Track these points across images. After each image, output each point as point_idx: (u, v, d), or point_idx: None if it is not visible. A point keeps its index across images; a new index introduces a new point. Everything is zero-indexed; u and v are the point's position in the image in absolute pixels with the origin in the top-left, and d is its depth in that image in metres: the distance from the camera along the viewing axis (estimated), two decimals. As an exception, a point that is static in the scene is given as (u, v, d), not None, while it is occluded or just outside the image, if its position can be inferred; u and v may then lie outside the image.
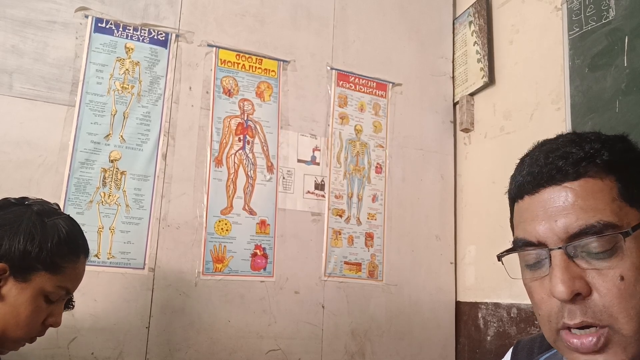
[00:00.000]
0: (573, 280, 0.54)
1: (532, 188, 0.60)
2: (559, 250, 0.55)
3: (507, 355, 0.80)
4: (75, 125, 1.69)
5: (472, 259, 2.13)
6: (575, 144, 0.58)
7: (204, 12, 1.94)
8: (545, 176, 0.58)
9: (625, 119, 1.49)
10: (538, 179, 0.59)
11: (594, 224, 0.54)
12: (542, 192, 0.58)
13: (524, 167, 0.62)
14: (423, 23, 2.35)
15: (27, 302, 0.90)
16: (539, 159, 0.60)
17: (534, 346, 0.75)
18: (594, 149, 0.57)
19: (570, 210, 0.55)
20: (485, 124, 2.16)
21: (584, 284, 0.54)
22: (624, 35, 1.53)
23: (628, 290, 0.52)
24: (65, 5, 1.74)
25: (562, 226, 0.56)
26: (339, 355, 1.92)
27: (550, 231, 0.56)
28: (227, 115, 1.91)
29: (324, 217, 2.00)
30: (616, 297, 0.52)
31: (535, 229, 0.58)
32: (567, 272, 0.54)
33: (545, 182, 0.58)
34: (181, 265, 1.75)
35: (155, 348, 1.66)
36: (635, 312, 0.52)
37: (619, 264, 0.53)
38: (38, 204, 0.98)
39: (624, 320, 0.52)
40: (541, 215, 0.58)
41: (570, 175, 0.56)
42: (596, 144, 0.58)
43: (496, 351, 1.91)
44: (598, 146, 0.57)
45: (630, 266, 0.53)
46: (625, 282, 0.52)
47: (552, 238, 0.57)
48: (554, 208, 0.57)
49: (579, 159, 0.57)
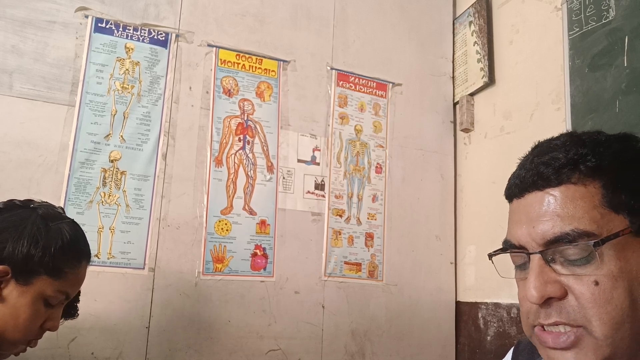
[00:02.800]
0: (545, 285, 0.55)
1: (518, 192, 0.61)
2: (537, 255, 0.56)
3: (508, 356, 0.80)
4: (75, 125, 1.69)
5: (472, 259, 2.13)
6: (564, 149, 0.58)
7: (204, 12, 1.94)
8: (529, 181, 0.59)
9: (625, 119, 1.49)
10: (524, 183, 0.60)
11: (568, 232, 0.54)
12: (527, 197, 0.60)
13: (517, 170, 0.63)
14: (423, 23, 2.35)
15: (27, 305, 0.90)
16: (526, 163, 0.61)
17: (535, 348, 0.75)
18: (579, 155, 0.57)
19: (548, 217, 0.56)
20: (485, 124, 2.16)
21: (558, 288, 0.55)
22: (624, 35, 1.53)
23: (603, 295, 0.53)
24: (65, 5, 1.74)
25: (539, 232, 0.56)
26: (339, 355, 1.92)
27: (529, 236, 0.58)
28: (227, 115, 1.91)
29: (324, 217, 2.00)
30: (590, 302, 0.53)
31: (517, 233, 0.60)
32: (540, 277, 0.55)
33: (529, 187, 0.59)
34: (181, 265, 1.75)
35: (155, 348, 1.66)
36: (609, 317, 0.52)
37: (594, 271, 0.53)
38: (43, 208, 0.97)
39: (597, 324, 0.53)
40: (523, 219, 0.59)
41: (552, 181, 0.57)
42: (584, 148, 0.57)
43: (496, 351, 1.91)
44: (584, 151, 0.57)
45: (607, 272, 0.53)
46: (600, 287, 0.53)
47: (530, 243, 0.58)
48: (534, 213, 0.58)
49: (561, 165, 0.57)
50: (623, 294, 0.52)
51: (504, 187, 0.69)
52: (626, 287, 0.53)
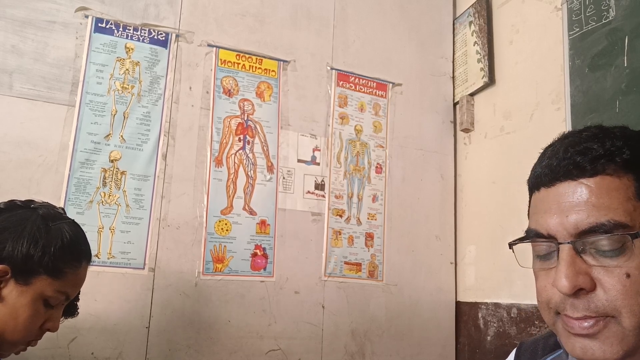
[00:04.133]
0: (577, 275, 0.54)
1: (548, 181, 0.60)
2: (567, 245, 0.56)
3: (510, 357, 0.80)
4: (75, 125, 1.69)
5: (472, 259, 2.13)
6: (597, 140, 0.58)
7: (204, 12, 1.94)
8: (563, 170, 0.58)
9: (625, 119, 1.49)
10: (555, 172, 0.59)
11: (604, 222, 0.54)
12: (558, 186, 0.58)
13: (544, 159, 0.62)
14: (423, 23, 2.35)
15: (26, 305, 0.90)
16: (559, 152, 0.60)
17: (538, 348, 0.74)
18: (615, 147, 0.56)
19: (582, 207, 0.55)
20: (485, 124, 2.16)
21: (588, 280, 0.55)
22: (624, 35, 1.53)
23: (634, 287, 0.53)
24: (65, 5, 1.74)
25: (572, 222, 0.56)
26: (339, 355, 1.92)
27: (561, 225, 0.57)
28: (227, 115, 1.91)
29: (324, 217, 2.00)
30: (620, 293, 0.53)
31: (546, 222, 0.59)
32: (572, 267, 0.55)
33: (561, 176, 0.58)
34: (181, 265, 1.75)
35: (155, 348, 1.66)
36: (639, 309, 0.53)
37: (626, 262, 0.53)
38: (44, 208, 0.97)
39: (626, 315, 0.53)
40: (554, 208, 0.58)
41: (588, 171, 0.56)
42: (619, 141, 0.57)
43: (496, 351, 1.91)
44: (620, 143, 0.57)
45: (638, 265, 0.53)
46: (632, 279, 0.53)
47: (562, 232, 0.57)
48: (567, 203, 0.57)
49: (597, 155, 0.56)
50: None
51: (504, 186, 0.68)
52: None
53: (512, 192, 1.91)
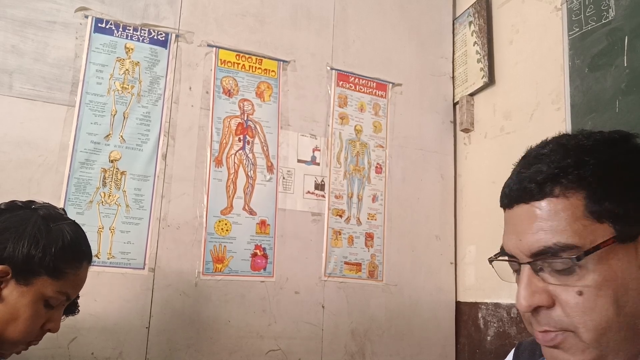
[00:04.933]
0: (533, 295, 0.57)
1: (507, 203, 0.63)
2: (526, 266, 0.58)
3: (509, 357, 0.80)
4: (75, 125, 1.69)
5: (472, 259, 2.13)
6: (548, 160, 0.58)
7: (204, 12, 1.94)
8: (515, 194, 0.61)
9: (625, 119, 1.49)
10: (510, 196, 0.62)
11: (551, 245, 0.55)
12: (515, 209, 0.61)
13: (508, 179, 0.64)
14: (423, 23, 2.35)
15: (27, 305, 0.90)
16: (514, 175, 0.62)
17: (536, 348, 0.75)
18: (560, 167, 0.57)
19: (533, 230, 0.57)
20: (485, 124, 2.16)
21: (546, 297, 0.57)
22: (624, 35, 1.53)
23: (586, 304, 0.54)
24: (65, 5, 1.74)
25: (525, 245, 0.58)
26: (339, 355, 1.92)
27: (517, 248, 0.60)
28: (227, 116, 1.91)
29: (324, 217, 2.00)
30: (574, 310, 0.55)
31: (507, 243, 0.62)
32: (529, 287, 0.58)
33: (515, 200, 0.61)
34: (181, 265, 1.75)
35: (155, 348, 1.66)
36: (593, 325, 0.54)
37: (578, 281, 0.55)
38: (44, 208, 0.97)
39: (583, 330, 0.55)
40: (512, 230, 0.61)
41: (535, 195, 0.58)
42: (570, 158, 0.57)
43: (496, 351, 1.91)
44: (568, 162, 0.57)
45: (590, 283, 0.54)
46: (585, 297, 0.54)
47: (519, 254, 0.60)
48: (521, 226, 0.59)
49: (544, 178, 0.57)
50: (607, 302, 0.54)
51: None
52: (610, 295, 0.54)
53: (512, 192, 1.90)
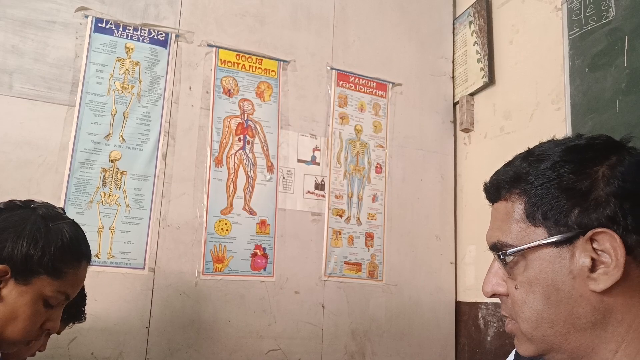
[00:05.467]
0: (494, 283, 0.65)
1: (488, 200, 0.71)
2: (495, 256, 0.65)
3: (511, 356, 0.81)
4: (75, 125, 1.69)
5: (472, 259, 2.13)
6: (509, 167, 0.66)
7: (204, 12, 1.94)
8: (486, 195, 0.69)
9: (625, 119, 1.49)
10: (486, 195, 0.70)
11: (495, 242, 0.63)
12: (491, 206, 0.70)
13: None
14: (423, 23, 2.35)
15: (26, 305, 0.90)
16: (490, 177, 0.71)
17: None
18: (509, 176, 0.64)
19: (490, 227, 0.67)
20: (485, 124, 2.16)
21: (502, 287, 0.64)
22: (624, 35, 1.53)
23: (521, 298, 0.61)
24: (65, 5, 1.74)
25: (487, 238, 0.67)
26: (339, 355, 1.92)
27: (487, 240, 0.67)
28: (227, 115, 1.91)
29: (324, 217, 2.00)
30: (514, 302, 0.62)
31: None
32: (491, 275, 0.65)
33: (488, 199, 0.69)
34: (181, 265, 1.75)
35: (155, 348, 1.66)
36: (525, 317, 0.60)
37: (517, 277, 0.61)
38: (43, 208, 0.97)
39: (520, 321, 0.61)
40: None
41: (494, 198, 0.67)
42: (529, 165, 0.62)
43: (496, 351, 1.91)
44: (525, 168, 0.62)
45: (523, 279, 0.60)
46: (519, 291, 0.61)
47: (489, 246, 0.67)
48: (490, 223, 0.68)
49: (499, 184, 0.65)
50: (536, 298, 0.59)
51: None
52: (540, 292, 0.59)
53: (512, 192, 1.91)
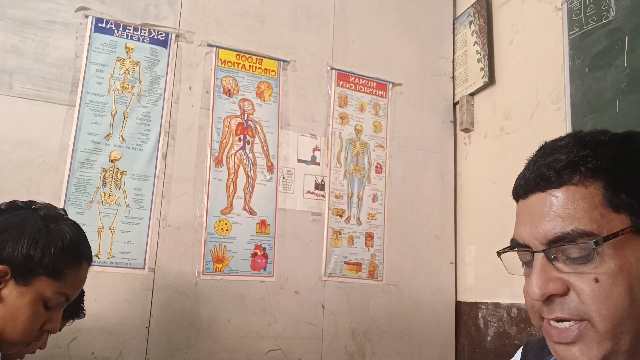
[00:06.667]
0: (547, 283, 0.57)
1: (523, 193, 0.63)
2: (540, 254, 0.58)
3: (517, 355, 0.80)
4: (75, 125, 1.69)
5: (472, 259, 2.13)
6: (566, 150, 0.60)
7: (204, 12, 1.94)
8: (532, 183, 0.61)
9: (625, 119, 1.48)
10: (527, 185, 0.62)
11: (568, 232, 0.56)
12: (530, 197, 0.61)
13: (522, 171, 0.65)
14: (423, 23, 2.35)
15: (26, 305, 0.90)
16: (531, 165, 0.63)
17: (544, 347, 0.75)
18: (579, 156, 0.58)
19: (550, 217, 0.58)
20: (485, 124, 2.16)
21: (560, 285, 0.57)
22: (624, 35, 1.53)
23: (602, 292, 0.54)
24: (65, 5, 1.74)
25: (541, 232, 0.58)
26: (339, 355, 1.92)
27: (532, 236, 0.60)
28: (227, 115, 1.91)
29: (324, 217, 2.00)
30: (590, 298, 0.55)
31: (521, 232, 0.62)
32: (542, 275, 0.57)
33: (532, 188, 0.61)
34: (181, 265, 1.75)
35: (155, 348, 1.66)
36: (609, 314, 0.54)
37: (595, 269, 0.55)
38: (44, 209, 0.97)
39: (597, 319, 0.55)
40: (527, 219, 0.61)
41: (554, 183, 0.59)
42: (587, 149, 0.58)
43: (496, 351, 1.91)
44: (586, 152, 0.58)
45: (606, 271, 0.54)
46: (600, 285, 0.54)
47: (533, 242, 0.60)
48: (537, 214, 0.59)
49: (562, 166, 0.58)
50: (622, 291, 0.54)
51: (504, 187, 0.70)
52: (625, 284, 0.54)
53: (512, 192, 1.91)
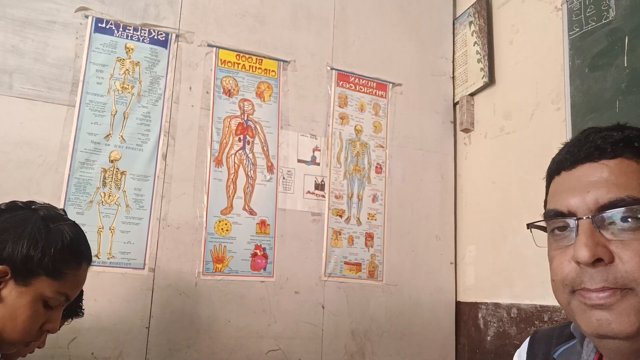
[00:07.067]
0: (596, 246, 0.57)
1: (570, 164, 0.63)
2: (587, 220, 0.59)
3: (525, 344, 0.80)
4: (75, 125, 1.69)
5: (472, 259, 2.13)
6: (617, 129, 0.62)
7: (204, 12, 1.94)
8: (584, 153, 0.62)
9: (625, 119, 1.47)
10: (577, 155, 0.63)
11: (624, 197, 0.57)
12: (579, 168, 0.62)
13: (565, 148, 0.66)
14: (423, 23, 2.35)
15: (25, 305, 0.90)
16: (580, 139, 0.64)
17: (553, 336, 0.75)
18: (634, 135, 0.61)
19: (603, 184, 0.59)
20: (485, 124, 2.16)
21: (607, 251, 0.57)
22: (624, 35, 1.53)
23: None
24: (65, 5, 1.74)
25: (593, 197, 0.59)
26: (339, 355, 1.92)
27: (582, 201, 0.60)
28: (227, 115, 1.91)
29: (324, 217, 2.00)
30: (638, 266, 0.55)
31: (567, 200, 0.62)
32: (592, 238, 0.57)
33: (583, 159, 0.62)
34: (181, 265, 1.75)
35: (155, 348, 1.66)
36: None
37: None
38: (44, 209, 0.97)
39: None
40: (576, 187, 0.61)
41: (608, 153, 0.60)
42: (637, 131, 0.61)
43: (496, 351, 1.91)
44: (638, 133, 0.61)
45: None
46: None
47: (582, 208, 0.60)
48: (588, 182, 0.60)
49: (618, 139, 0.60)
50: None
51: (504, 187, 0.70)
52: None
53: (512, 192, 1.91)
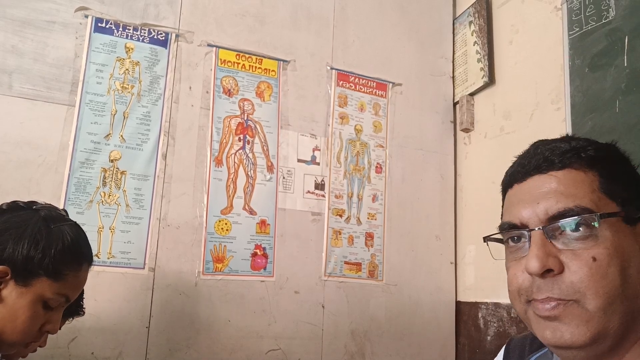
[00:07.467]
0: (547, 257, 0.58)
1: (521, 177, 0.65)
2: (538, 231, 0.60)
3: (500, 354, 0.81)
4: (75, 125, 1.69)
5: (472, 258, 2.13)
6: (565, 140, 0.64)
7: (204, 12, 1.94)
8: (533, 165, 0.63)
9: (625, 119, 1.48)
10: (527, 168, 0.64)
11: (572, 207, 0.58)
12: (530, 180, 0.63)
13: (517, 160, 0.68)
14: (423, 23, 2.35)
15: (25, 306, 0.89)
16: (530, 152, 0.66)
17: (525, 345, 0.76)
18: (580, 146, 0.62)
19: (552, 195, 0.60)
20: (485, 124, 2.16)
21: (557, 262, 0.58)
22: (624, 35, 1.53)
23: (599, 270, 0.56)
24: (65, 5, 1.74)
25: (543, 208, 0.60)
26: (339, 355, 1.92)
27: (533, 213, 0.61)
28: (227, 115, 1.91)
29: (324, 217, 2.00)
30: (587, 276, 0.56)
31: (519, 212, 0.63)
32: (542, 249, 0.58)
33: (532, 171, 0.63)
34: (181, 265, 1.75)
35: (155, 348, 1.66)
36: (604, 292, 0.55)
37: (593, 247, 0.57)
38: (46, 210, 0.97)
39: (591, 297, 0.55)
40: (526, 199, 0.62)
41: (556, 164, 0.61)
42: (584, 142, 0.63)
43: (496, 351, 1.90)
44: (585, 144, 0.62)
45: (604, 250, 0.56)
46: (597, 263, 0.56)
47: (533, 219, 0.61)
48: (538, 193, 0.61)
49: (565, 151, 0.62)
50: (617, 271, 0.56)
51: (504, 186, 0.70)
52: (619, 266, 0.56)
53: (512, 192, 1.91)
